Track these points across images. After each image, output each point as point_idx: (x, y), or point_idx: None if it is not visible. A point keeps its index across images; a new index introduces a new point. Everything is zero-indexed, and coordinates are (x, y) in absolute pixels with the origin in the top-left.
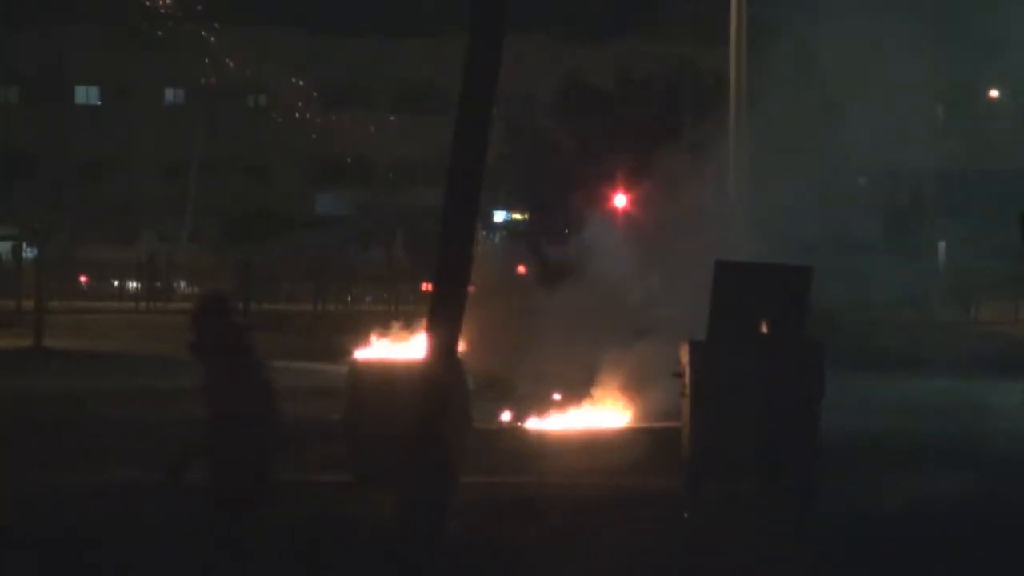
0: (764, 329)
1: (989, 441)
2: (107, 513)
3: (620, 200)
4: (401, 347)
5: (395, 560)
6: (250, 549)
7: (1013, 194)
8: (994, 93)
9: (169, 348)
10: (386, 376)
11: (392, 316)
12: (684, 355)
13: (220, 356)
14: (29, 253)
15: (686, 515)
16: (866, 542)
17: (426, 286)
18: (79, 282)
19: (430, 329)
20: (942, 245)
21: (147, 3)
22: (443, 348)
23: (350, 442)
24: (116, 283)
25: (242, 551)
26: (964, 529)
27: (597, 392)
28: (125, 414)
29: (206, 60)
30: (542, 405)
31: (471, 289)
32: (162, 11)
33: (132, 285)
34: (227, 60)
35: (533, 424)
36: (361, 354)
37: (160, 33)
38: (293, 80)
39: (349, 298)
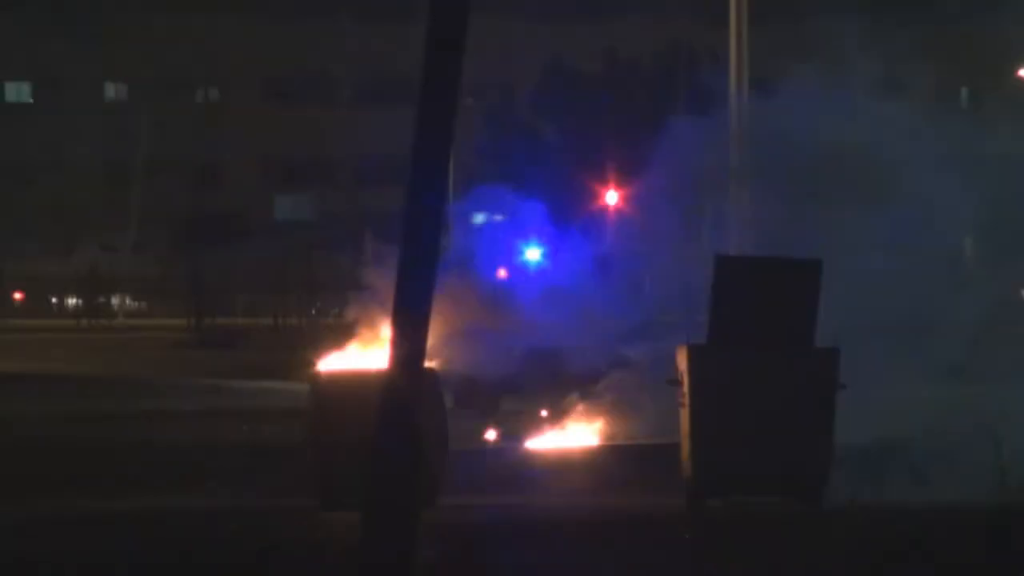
0: (771, 331)
1: None
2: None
3: (611, 197)
4: (369, 357)
5: None
6: None
7: None
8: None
9: (110, 368)
10: (352, 389)
11: (359, 328)
12: (682, 360)
13: None
14: None
15: (687, 535)
16: (882, 563)
17: None
18: (12, 298)
19: (393, 337)
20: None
21: None
22: (408, 357)
23: (313, 462)
24: (54, 299)
25: None
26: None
27: (586, 407)
28: (59, 439)
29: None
30: (528, 422)
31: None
32: None
33: (71, 300)
34: (174, 51)
35: (519, 442)
36: (324, 366)
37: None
38: (246, 72)
39: (313, 310)
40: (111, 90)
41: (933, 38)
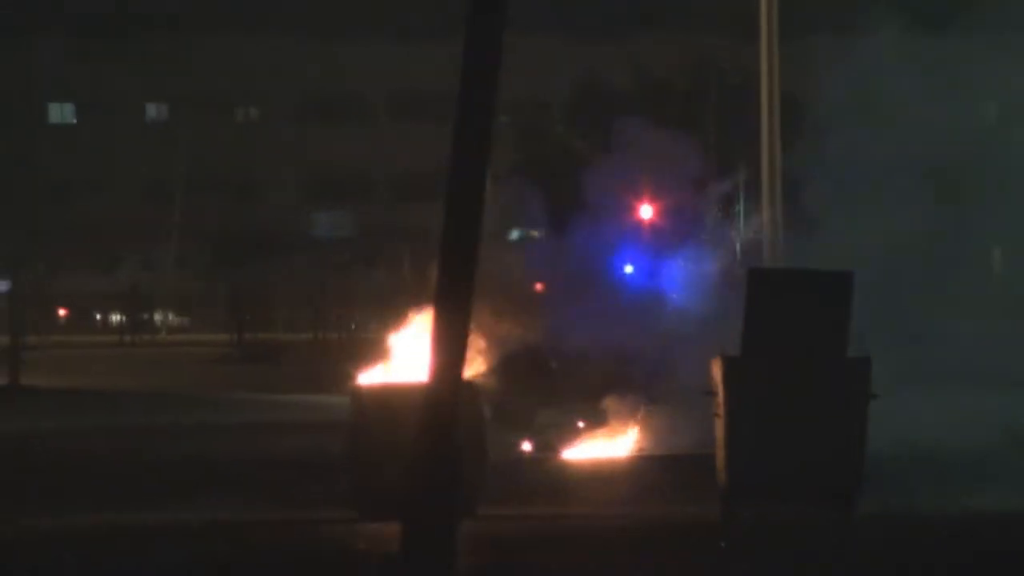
0: (804, 342)
1: None
2: (89, 556)
3: (646, 211)
4: (408, 371)
5: None
6: None
7: None
8: None
9: (154, 383)
10: (391, 401)
11: (401, 343)
12: (717, 371)
13: None
14: (2, 286)
15: (723, 544)
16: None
17: None
18: (57, 315)
19: (432, 351)
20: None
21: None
22: (447, 369)
23: (353, 474)
24: (98, 315)
25: None
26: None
27: (621, 419)
28: (107, 453)
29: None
30: (564, 434)
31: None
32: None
33: (115, 317)
34: (213, 71)
35: (555, 454)
36: (364, 379)
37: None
38: (285, 91)
39: (353, 325)
40: (152, 110)
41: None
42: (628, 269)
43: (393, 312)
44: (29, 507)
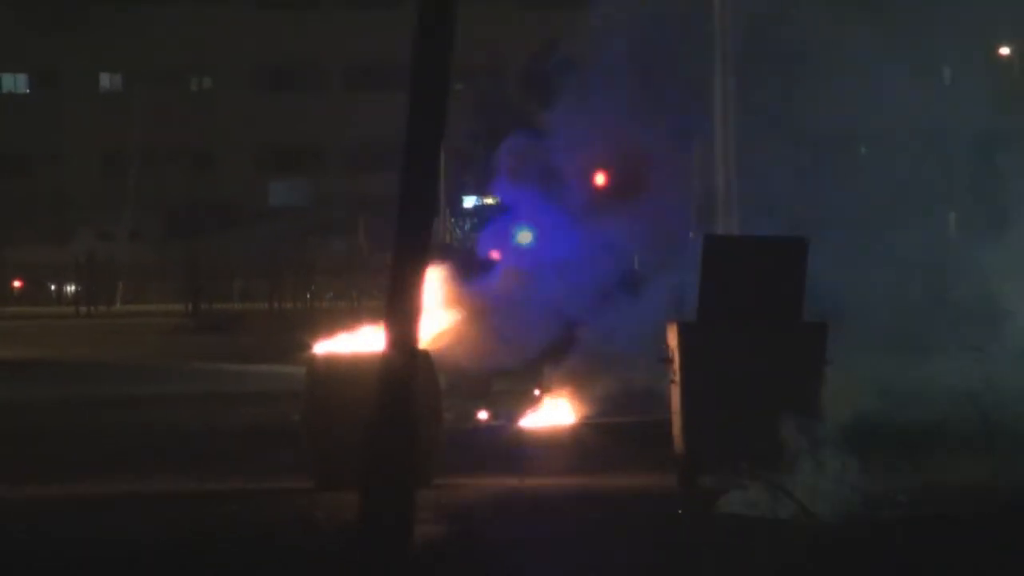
0: (759, 308)
1: None
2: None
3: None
4: (363, 340)
5: (360, 567)
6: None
7: None
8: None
9: (110, 354)
10: (348, 370)
11: (356, 312)
12: (673, 337)
13: None
14: None
15: (680, 512)
16: (874, 537)
17: None
18: (11, 287)
19: (387, 320)
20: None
21: None
22: (402, 338)
23: (310, 443)
24: (53, 287)
25: None
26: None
27: (577, 385)
28: (63, 424)
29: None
30: (520, 401)
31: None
32: None
33: (70, 288)
34: (166, 40)
35: (511, 422)
36: (320, 348)
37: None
38: (239, 60)
39: (308, 295)
40: (106, 80)
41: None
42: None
43: (349, 281)
44: None
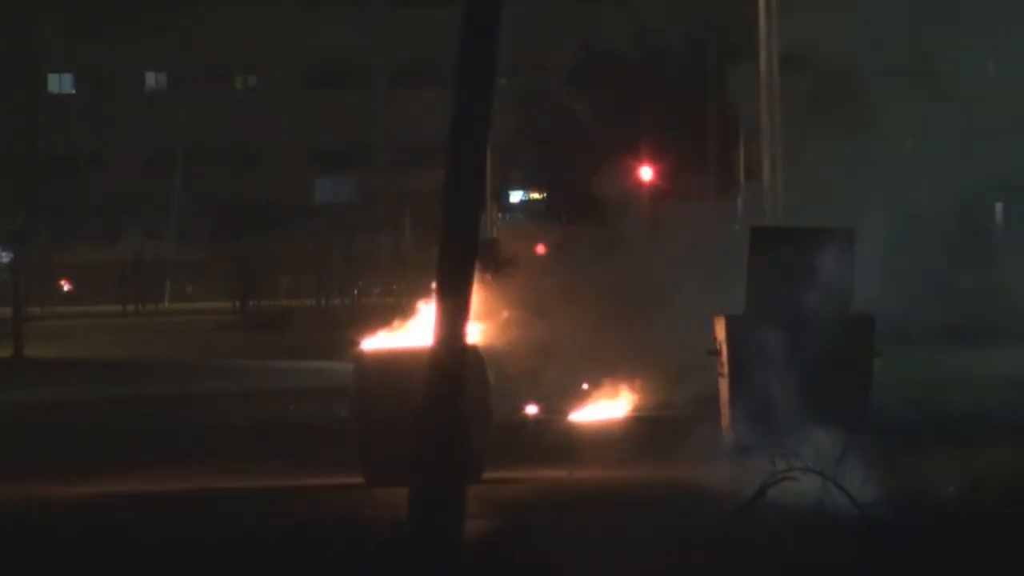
0: (807, 300)
1: None
2: (100, 526)
3: (645, 173)
4: (412, 336)
5: (413, 563)
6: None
7: None
8: None
9: (158, 352)
10: (396, 366)
11: (402, 308)
12: (721, 330)
13: None
14: (4, 258)
15: (729, 504)
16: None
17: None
18: (60, 287)
19: (437, 315)
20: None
21: None
22: (451, 334)
23: (360, 440)
24: (101, 287)
25: None
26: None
27: (628, 379)
28: (112, 423)
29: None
30: (570, 396)
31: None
32: None
33: (119, 287)
34: (211, 40)
35: (561, 416)
36: (368, 344)
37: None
38: (284, 58)
39: (355, 291)
40: (151, 79)
41: None
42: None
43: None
44: (35, 477)
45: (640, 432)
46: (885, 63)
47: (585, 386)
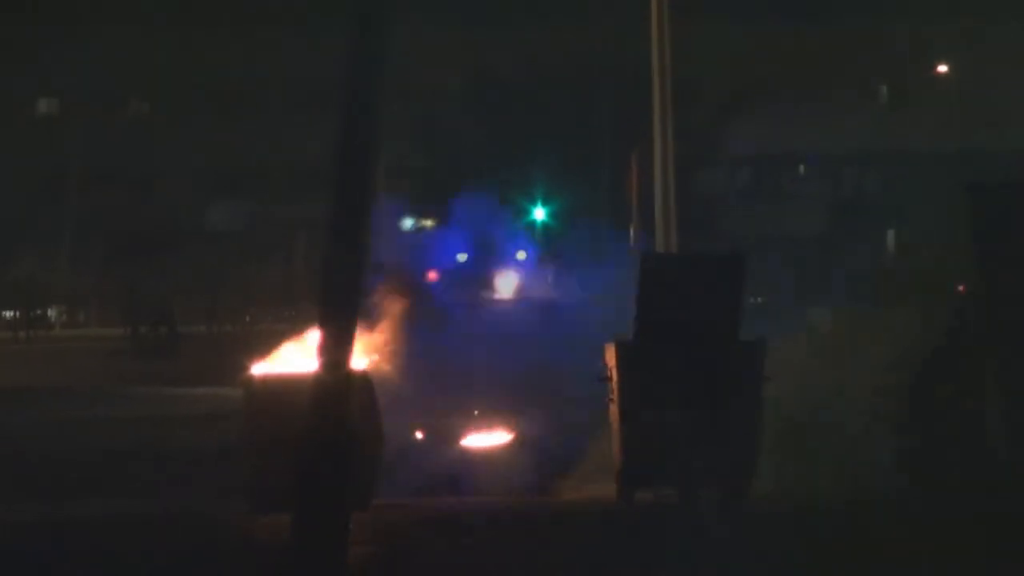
0: (697, 326)
1: None
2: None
3: (539, 213)
4: (302, 362)
5: None
6: None
7: None
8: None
9: (48, 379)
10: (285, 392)
11: (294, 334)
12: (611, 357)
13: None
14: None
15: (619, 527)
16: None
17: None
18: None
19: (321, 340)
20: (891, 234)
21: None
22: (336, 359)
23: (246, 465)
24: None
25: None
26: None
27: (517, 404)
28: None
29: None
30: (461, 420)
31: None
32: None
33: (8, 313)
34: (103, 64)
35: (450, 442)
36: (258, 370)
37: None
38: (177, 84)
39: (248, 318)
40: (43, 105)
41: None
42: (521, 255)
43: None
44: None
45: (530, 457)
46: None
47: (476, 412)
